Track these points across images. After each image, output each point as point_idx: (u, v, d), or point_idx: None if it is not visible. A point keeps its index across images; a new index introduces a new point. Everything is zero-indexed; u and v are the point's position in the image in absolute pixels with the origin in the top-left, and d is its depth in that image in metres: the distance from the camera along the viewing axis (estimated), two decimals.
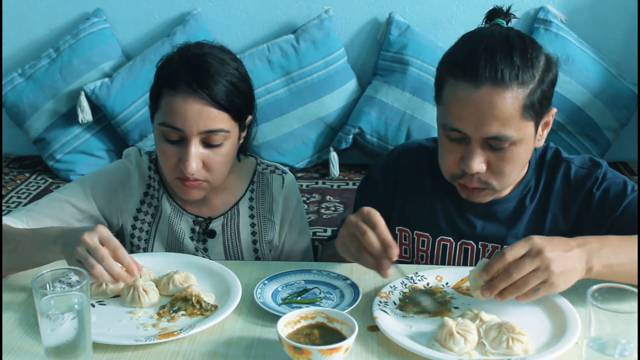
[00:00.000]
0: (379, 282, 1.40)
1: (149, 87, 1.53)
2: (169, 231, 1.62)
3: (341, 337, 1.15)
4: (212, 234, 1.63)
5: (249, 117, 1.57)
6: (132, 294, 1.31)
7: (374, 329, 1.23)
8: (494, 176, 1.38)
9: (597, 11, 2.97)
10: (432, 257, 1.56)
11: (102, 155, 2.94)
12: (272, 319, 1.23)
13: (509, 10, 1.44)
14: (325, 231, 2.39)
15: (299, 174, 2.92)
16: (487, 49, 1.30)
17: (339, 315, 1.18)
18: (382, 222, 1.26)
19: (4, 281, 1.40)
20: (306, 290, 1.37)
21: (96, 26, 2.96)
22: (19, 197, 2.70)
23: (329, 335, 1.16)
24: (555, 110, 1.41)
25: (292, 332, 1.17)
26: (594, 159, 1.50)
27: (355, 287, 1.35)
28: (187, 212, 1.63)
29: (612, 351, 1.06)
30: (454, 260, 1.55)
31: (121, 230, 1.64)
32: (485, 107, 1.30)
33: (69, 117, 2.89)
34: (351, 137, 2.90)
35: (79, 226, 1.53)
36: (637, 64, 2.97)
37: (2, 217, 1.49)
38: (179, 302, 1.30)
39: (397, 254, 1.25)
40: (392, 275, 1.29)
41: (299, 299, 1.34)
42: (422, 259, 1.57)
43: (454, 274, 1.40)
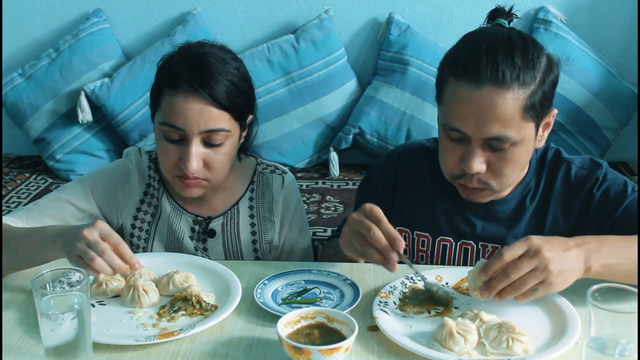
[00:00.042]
0: (379, 282, 1.40)
1: (149, 87, 1.53)
2: (169, 230, 1.62)
3: (341, 337, 1.14)
4: (212, 234, 1.63)
5: (249, 117, 1.57)
6: (132, 294, 1.31)
7: (374, 329, 1.23)
8: (494, 177, 1.38)
9: (597, 11, 2.97)
10: (432, 258, 1.56)
11: (102, 155, 2.94)
12: (272, 319, 1.23)
13: (511, 10, 1.44)
14: (325, 231, 2.39)
15: (299, 174, 2.92)
16: (488, 49, 1.30)
17: (339, 315, 1.18)
18: (384, 217, 1.27)
19: (4, 281, 1.40)
20: (306, 290, 1.37)
21: (96, 26, 2.96)
22: (19, 197, 2.70)
23: (329, 335, 1.16)
24: (556, 111, 1.40)
25: (292, 332, 1.17)
26: (594, 159, 1.50)
27: (355, 287, 1.35)
28: (187, 211, 1.63)
29: (612, 351, 1.05)
30: (453, 260, 1.54)
31: (121, 229, 1.64)
32: (486, 107, 1.29)
33: (69, 117, 2.89)
34: (351, 137, 2.89)
35: (79, 224, 1.53)
36: (637, 64, 2.97)
37: (2, 216, 1.49)
38: (179, 302, 1.30)
39: (403, 246, 1.26)
40: (402, 273, 1.30)
41: (299, 299, 1.33)
42: (422, 259, 1.57)
43: (454, 274, 1.40)
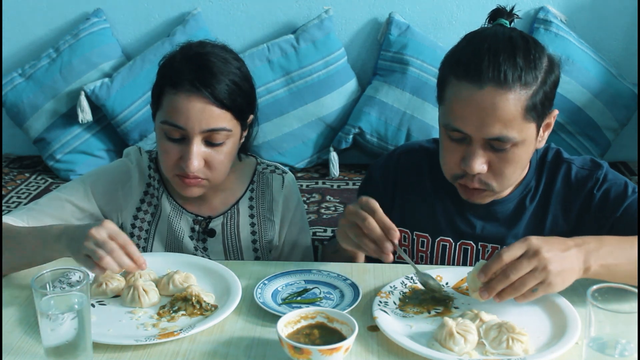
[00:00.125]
0: (379, 282, 1.40)
1: (149, 87, 1.53)
2: (169, 230, 1.62)
3: (341, 337, 1.14)
4: (212, 233, 1.63)
5: (250, 117, 1.57)
6: (132, 294, 1.31)
7: (374, 329, 1.23)
8: (495, 177, 1.38)
9: (597, 11, 2.96)
10: (431, 258, 1.56)
11: (102, 155, 2.94)
12: (272, 319, 1.23)
13: (512, 10, 1.43)
14: (325, 231, 2.39)
15: (299, 174, 2.92)
16: (490, 49, 1.30)
17: (339, 315, 1.18)
18: (379, 208, 1.29)
19: (4, 281, 1.40)
20: (306, 290, 1.37)
21: (96, 26, 2.96)
22: (19, 197, 2.70)
23: (329, 335, 1.16)
24: (556, 112, 1.40)
25: (292, 332, 1.17)
26: (595, 160, 1.50)
27: (355, 287, 1.35)
28: (187, 211, 1.63)
29: (612, 351, 1.05)
30: (453, 260, 1.54)
31: (121, 228, 1.63)
32: (487, 108, 1.29)
33: (69, 117, 2.89)
34: (351, 137, 2.89)
35: (85, 224, 1.53)
36: (637, 64, 2.97)
37: (3, 216, 1.49)
38: (179, 302, 1.30)
39: (398, 236, 1.27)
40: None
41: (299, 299, 1.33)
42: (421, 260, 1.57)
43: (454, 274, 1.40)
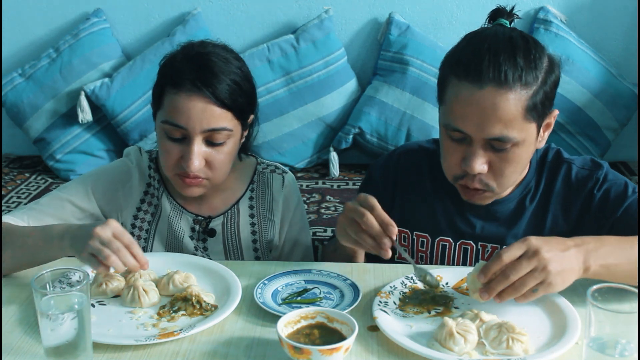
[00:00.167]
0: (379, 282, 1.40)
1: (149, 87, 1.53)
2: (169, 230, 1.62)
3: (341, 337, 1.14)
4: (212, 233, 1.63)
5: (251, 116, 1.57)
6: (132, 294, 1.31)
7: (374, 329, 1.23)
8: (495, 177, 1.38)
9: (597, 11, 2.96)
10: (431, 258, 1.56)
11: (102, 155, 2.94)
12: (272, 319, 1.23)
13: (512, 10, 1.43)
14: (325, 231, 2.39)
15: (299, 174, 2.92)
16: (490, 49, 1.30)
17: (339, 315, 1.18)
18: (378, 205, 1.29)
19: (4, 281, 1.40)
20: (306, 290, 1.37)
21: (96, 26, 2.96)
22: (19, 197, 2.70)
23: (329, 335, 1.16)
24: (557, 112, 1.40)
25: (292, 332, 1.17)
26: (595, 160, 1.50)
27: (355, 287, 1.35)
28: (187, 211, 1.63)
29: (612, 351, 1.05)
30: (453, 260, 1.54)
31: None
32: (488, 108, 1.29)
33: (69, 117, 2.89)
34: (351, 137, 2.89)
35: (88, 223, 1.53)
36: (637, 64, 2.97)
37: (3, 215, 1.49)
38: (179, 302, 1.30)
39: (396, 232, 1.27)
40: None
41: (299, 299, 1.33)
42: (421, 260, 1.57)
43: (454, 274, 1.40)
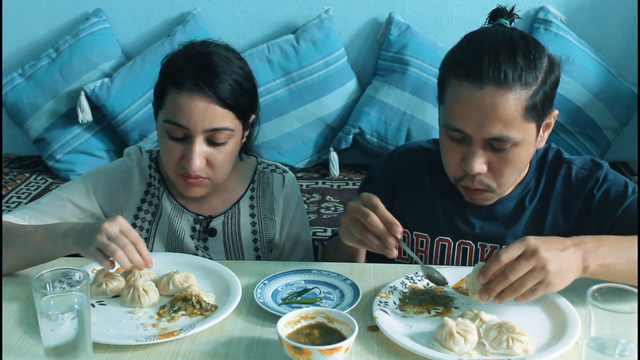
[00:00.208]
0: (379, 282, 1.40)
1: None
2: (170, 230, 1.62)
3: (341, 337, 1.14)
4: (213, 233, 1.63)
5: (252, 116, 1.57)
6: (132, 294, 1.31)
7: (374, 329, 1.23)
8: (495, 178, 1.38)
9: (597, 11, 2.96)
10: (430, 258, 1.56)
11: (102, 155, 2.94)
12: (272, 319, 1.23)
13: (512, 10, 1.43)
14: (325, 231, 2.39)
15: (299, 174, 2.92)
16: (490, 49, 1.30)
17: (339, 315, 1.18)
18: (381, 204, 1.29)
19: (4, 281, 1.40)
20: (306, 290, 1.37)
21: (96, 26, 2.96)
22: (19, 197, 2.70)
23: (329, 335, 1.16)
24: (556, 112, 1.40)
25: (292, 332, 1.17)
26: (595, 160, 1.50)
27: (355, 287, 1.35)
28: (188, 210, 1.63)
29: (612, 351, 1.05)
30: (452, 260, 1.54)
31: None
32: (487, 107, 1.29)
33: (69, 117, 2.89)
34: (351, 137, 2.89)
35: (94, 221, 1.53)
36: (637, 64, 2.97)
37: (4, 215, 1.49)
38: (179, 302, 1.30)
39: (401, 231, 1.27)
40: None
41: (299, 299, 1.33)
42: (421, 260, 1.57)
43: (454, 274, 1.40)
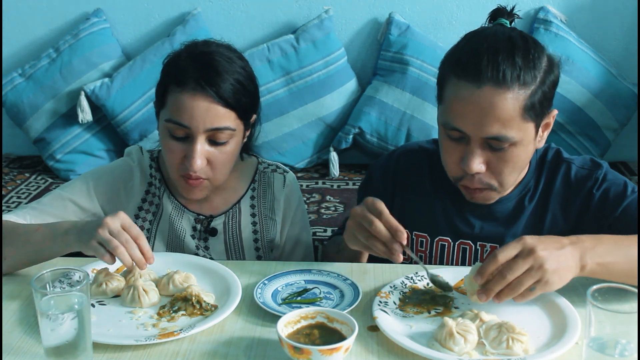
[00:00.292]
0: (379, 282, 1.40)
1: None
2: (170, 229, 1.62)
3: (341, 337, 1.14)
4: (214, 232, 1.63)
5: (253, 116, 1.57)
6: (132, 294, 1.31)
7: (374, 329, 1.23)
8: (494, 176, 1.38)
9: (597, 11, 2.96)
10: (430, 258, 1.56)
11: (102, 155, 2.94)
12: (272, 319, 1.23)
13: (513, 10, 1.44)
14: (325, 231, 2.39)
15: (299, 174, 2.92)
16: (489, 48, 1.30)
17: (339, 315, 1.18)
18: (386, 210, 1.29)
19: (5, 281, 1.40)
20: (306, 290, 1.37)
21: (96, 26, 2.96)
22: (19, 197, 2.70)
23: (329, 335, 1.16)
24: (556, 112, 1.40)
25: (292, 332, 1.17)
26: (595, 159, 1.50)
27: (355, 287, 1.35)
28: (189, 210, 1.63)
29: (612, 351, 1.05)
30: (452, 260, 1.54)
31: None
32: (486, 107, 1.29)
33: (69, 117, 2.89)
34: (351, 137, 2.89)
35: (93, 219, 1.53)
36: (637, 64, 2.97)
37: (4, 214, 1.49)
38: (179, 302, 1.30)
39: (405, 237, 1.27)
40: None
41: (299, 299, 1.33)
42: (420, 260, 1.57)
43: (454, 274, 1.40)
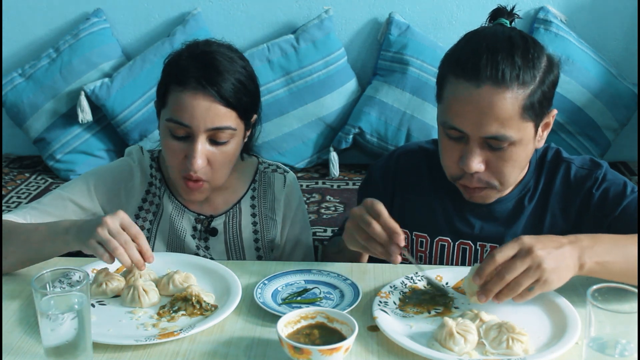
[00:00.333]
0: (379, 282, 1.40)
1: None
2: (171, 229, 1.62)
3: (341, 337, 1.14)
4: (214, 232, 1.63)
5: (254, 116, 1.57)
6: (132, 294, 1.31)
7: (374, 329, 1.23)
8: (494, 176, 1.38)
9: (597, 11, 2.96)
10: (430, 258, 1.56)
11: (102, 155, 2.94)
12: (272, 319, 1.23)
13: (513, 10, 1.44)
14: (325, 231, 2.39)
15: (299, 174, 2.92)
16: (489, 48, 1.30)
17: (339, 315, 1.18)
18: (385, 211, 1.29)
19: (5, 280, 1.40)
20: (306, 290, 1.37)
21: (96, 26, 2.96)
22: (19, 197, 2.70)
23: (329, 335, 1.16)
24: (555, 111, 1.40)
25: (292, 332, 1.17)
26: (594, 159, 1.50)
27: (355, 287, 1.35)
28: (189, 210, 1.63)
29: (612, 351, 1.05)
30: (452, 260, 1.54)
31: None
32: (485, 106, 1.30)
33: (69, 117, 2.89)
34: (351, 137, 2.89)
35: (93, 217, 1.53)
36: (637, 64, 2.97)
37: (4, 214, 1.49)
38: (179, 302, 1.30)
39: (403, 239, 1.27)
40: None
41: (299, 299, 1.33)
42: (420, 260, 1.57)
43: (454, 274, 1.40)
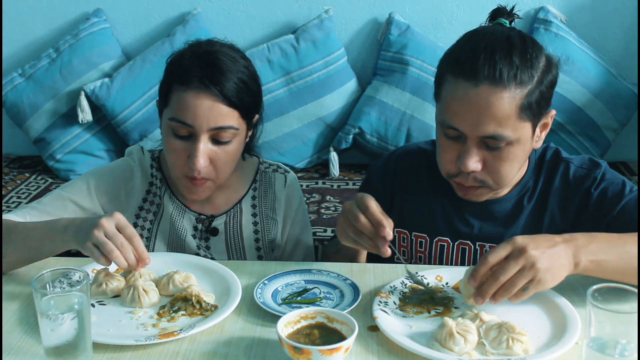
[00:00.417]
0: (379, 282, 1.40)
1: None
2: (171, 229, 1.62)
3: (341, 337, 1.15)
4: (215, 232, 1.63)
5: (256, 116, 1.57)
6: (132, 294, 1.31)
7: (374, 329, 1.23)
8: (490, 175, 1.38)
9: (597, 11, 2.96)
10: (429, 258, 1.56)
11: (102, 155, 2.94)
12: (272, 319, 1.24)
13: (513, 10, 1.44)
14: (325, 231, 2.39)
15: (299, 174, 2.92)
16: (487, 47, 1.30)
17: (339, 315, 1.18)
18: (373, 204, 1.30)
19: (5, 280, 1.40)
20: (306, 290, 1.37)
21: (96, 26, 2.96)
22: (19, 197, 2.70)
23: (329, 335, 1.16)
24: (554, 112, 1.41)
25: (292, 332, 1.17)
26: (593, 159, 1.50)
27: (355, 287, 1.35)
28: (190, 210, 1.63)
29: (612, 351, 1.06)
30: (451, 260, 1.55)
31: None
32: (482, 106, 1.30)
33: (69, 117, 2.89)
34: (351, 137, 2.89)
35: (93, 216, 1.53)
36: (637, 64, 2.97)
37: (4, 214, 1.49)
38: (179, 302, 1.30)
39: (387, 231, 1.27)
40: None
41: (299, 299, 1.33)
42: (420, 260, 1.57)
43: (453, 274, 1.40)
